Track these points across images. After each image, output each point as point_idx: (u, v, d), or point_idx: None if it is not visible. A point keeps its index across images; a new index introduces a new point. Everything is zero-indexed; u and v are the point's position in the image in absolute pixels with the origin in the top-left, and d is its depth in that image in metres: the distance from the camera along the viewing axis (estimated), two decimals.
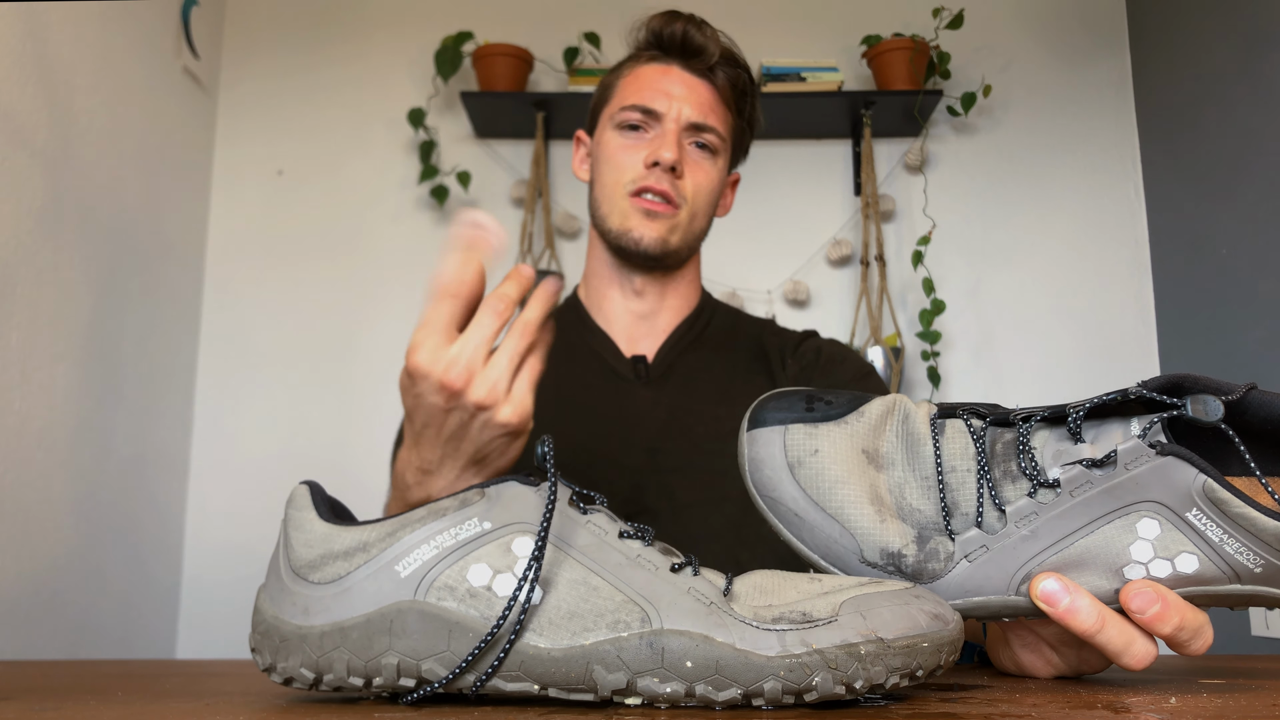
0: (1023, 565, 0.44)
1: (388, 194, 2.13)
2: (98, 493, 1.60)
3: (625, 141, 0.96)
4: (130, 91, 1.72)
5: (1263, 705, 0.39)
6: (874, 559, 0.45)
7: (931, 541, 0.45)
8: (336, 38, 2.18)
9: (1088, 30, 2.18)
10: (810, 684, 0.37)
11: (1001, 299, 2.08)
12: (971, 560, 0.45)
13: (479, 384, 0.60)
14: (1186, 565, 0.43)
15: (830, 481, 0.47)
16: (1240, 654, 1.18)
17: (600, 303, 1.01)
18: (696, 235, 0.98)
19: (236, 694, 0.46)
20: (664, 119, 0.95)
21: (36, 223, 1.42)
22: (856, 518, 0.46)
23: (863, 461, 0.47)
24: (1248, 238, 1.75)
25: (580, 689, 0.39)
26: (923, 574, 0.45)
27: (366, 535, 0.41)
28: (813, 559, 0.47)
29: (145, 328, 1.78)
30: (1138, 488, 0.43)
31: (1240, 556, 0.43)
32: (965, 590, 0.45)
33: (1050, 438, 0.46)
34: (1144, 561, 0.44)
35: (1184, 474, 0.42)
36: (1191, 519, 0.43)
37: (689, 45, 0.96)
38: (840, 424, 0.49)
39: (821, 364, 0.99)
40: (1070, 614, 0.43)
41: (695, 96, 0.96)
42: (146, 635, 1.79)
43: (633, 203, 0.94)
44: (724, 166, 1.00)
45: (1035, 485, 0.44)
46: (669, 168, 0.93)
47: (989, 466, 0.46)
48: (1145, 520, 0.43)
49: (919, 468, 0.47)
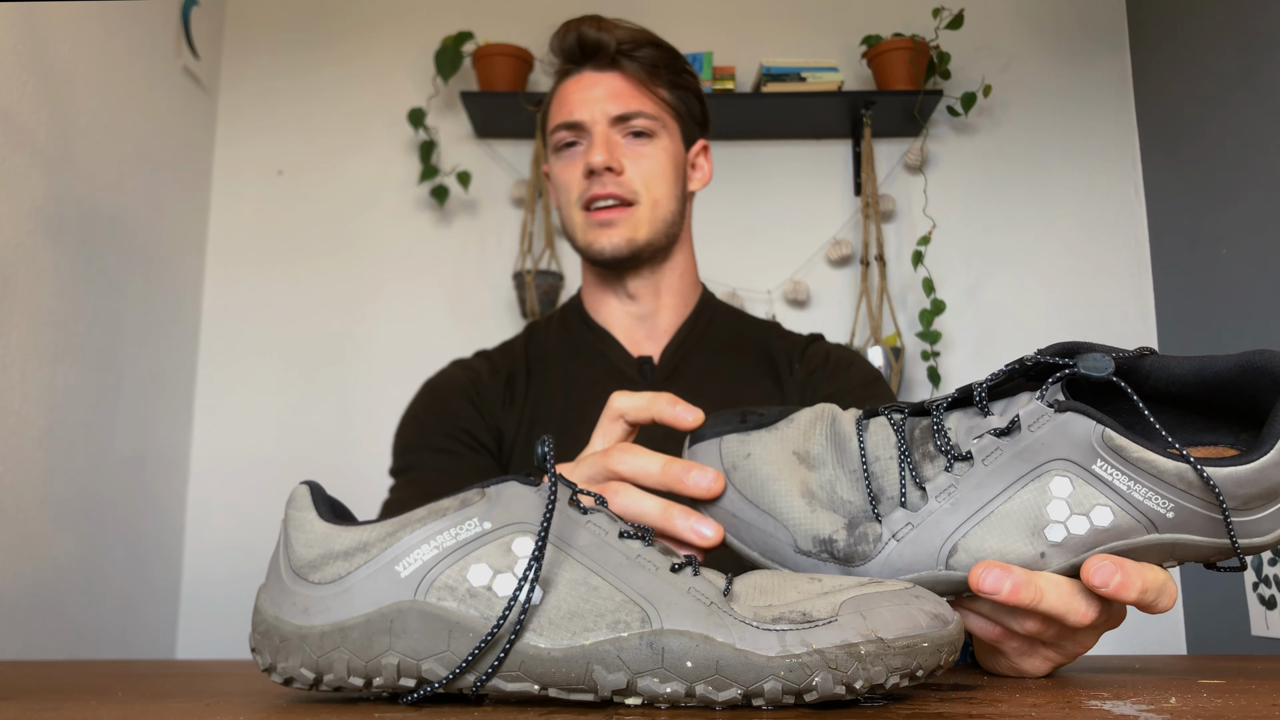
0: (948, 537, 0.46)
1: (388, 194, 2.13)
2: (98, 493, 1.60)
3: (564, 162, 0.98)
4: (130, 91, 1.72)
5: (1263, 705, 0.39)
6: (807, 547, 0.47)
7: (861, 526, 0.47)
8: (336, 37, 2.18)
9: (1088, 30, 2.18)
10: (810, 684, 0.37)
11: (1001, 299, 2.08)
12: (899, 539, 0.46)
13: None
14: (1102, 518, 0.45)
15: (762, 480, 0.49)
16: (1240, 654, 1.18)
17: (598, 308, 1.02)
18: (666, 222, 0.98)
19: (236, 694, 0.46)
20: (589, 126, 0.96)
21: (36, 223, 1.42)
22: (788, 510, 0.48)
23: (794, 462, 0.50)
24: (1248, 238, 1.75)
25: (580, 689, 0.39)
26: (854, 557, 0.47)
27: (366, 535, 0.41)
28: (752, 557, 0.49)
29: (145, 328, 1.78)
30: (1044, 448, 0.45)
31: (1150, 502, 0.44)
32: (896, 569, 0.46)
33: (963, 418, 0.48)
34: (1061, 520, 0.45)
35: (1083, 426, 0.44)
36: (1098, 470, 0.44)
37: (586, 46, 0.97)
38: (771, 430, 0.52)
39: (830, 368, 0.98)
40: (1013, 595, 0.44)
41: (609, 92, 0.96)
42: (146, 635, 1.79)
43: (586, 217, 0.95)
44: (671, 145, 0.99)
45: (950, 460, 0.47)
46: (605, 168, 0.93)
47: (909, 451, 0.48)
48: (1057, 479, 0.45)
49: (846, 463, 0.50)
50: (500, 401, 0.96)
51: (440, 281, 2.09)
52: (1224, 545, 0.45)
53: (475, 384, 0.97)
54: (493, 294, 2.09)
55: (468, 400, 0.96)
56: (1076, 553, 0.45)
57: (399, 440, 0.97)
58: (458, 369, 1.00)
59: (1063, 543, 0.45)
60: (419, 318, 2.08)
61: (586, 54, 0.97)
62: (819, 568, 0.47)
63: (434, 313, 2.08)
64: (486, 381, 0.97)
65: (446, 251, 2.11)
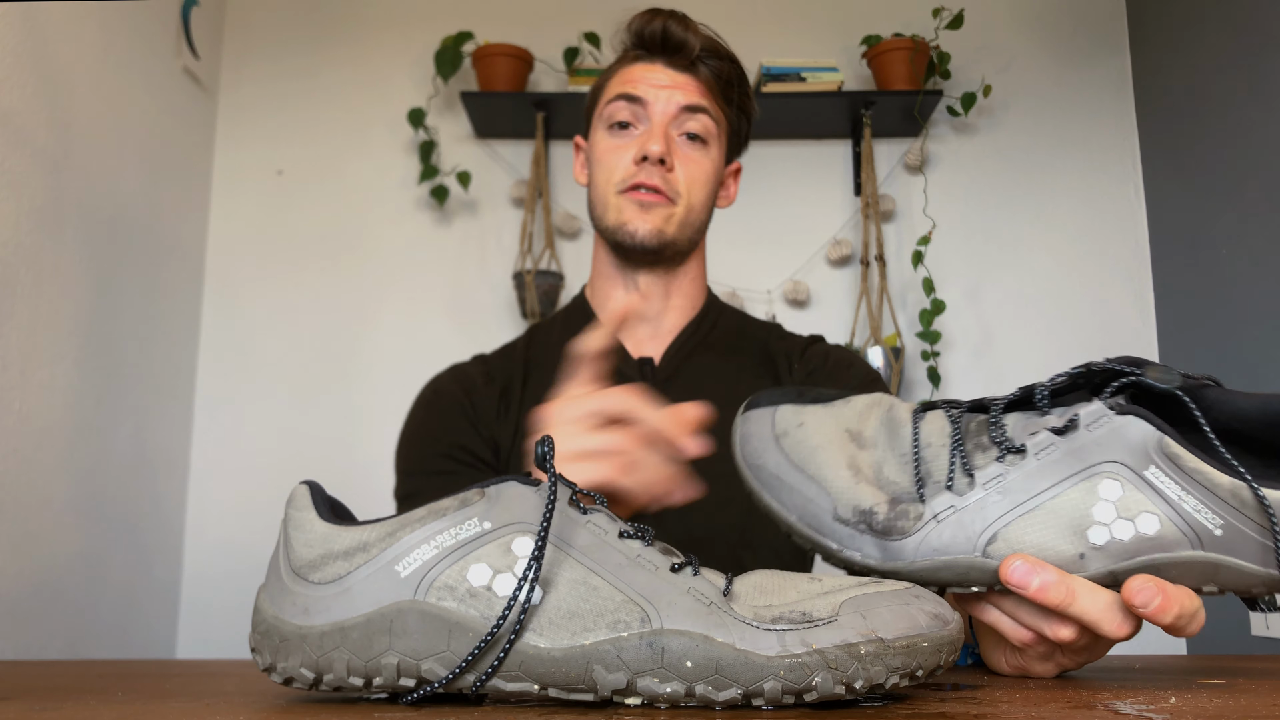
0: (989, 525, 0.46)
1: (388, 194, 2.12)
2: (98, 493, 1.60)
3: (615, 142, 0.97)
4: (130, 91, 1.72)
5: (1263, 705, 0.39)
6: (846, 515, 0.48)
7: (903, 504, 0.47)
8: (337, 38, 2.18)
9: (1088, 30, 2.18)
10: (810, 684, 0.37)
11: (1001, 299, 2.08)
12: (940, 520, 0.46)
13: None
14: (1148, 526, 0.44)
15: (810, 448, 0.50)
16: (1240, 654, 1.18)
17: (605, 304, 1.01)
18: (694, 228, 0.98)
19: (236, 694, 0.46)
20: (651, 110, 0.95)
21: (36, 223, 1.42)
22: (833, 478, 0.49)
23: (845, 438, 0.50)
24: (1248, 238, 1.75)
25: (580, 689, 0.39)
26: (892, 530, 0.47)
27: (366, 535, 0.41)
28: (789, 520, 0.49)
29: (145, 328, 1.78)
30: (1098, 448, 0.45)
31: (1199, 515, 0.44)
32: (933, 548, 0.46)
33: (1021, 417, 0.48)
34: (1106, 523, 0.45)
35: (1141, 431, 0.44)
36: (1149, 477, 0.44)
37: (670, 41, 0.96)
38: (827, 406, 0.52)
39: (829, 369, 0.98)
40: (1041, 592, 0.44)
41: (680, 87, 0.96)
42: (146, 635, 1.79)
43: (625, 197, 0.95)
44: (718, 157, 0.99)
45: (1003, 451, 0.47)
46: (658, 160, 0.93)
47: (963, 441, 0.48)
48: (1107, 481, 0.45)
49: (897, 446, 0.50)
50: (495, 413, 0.96)
51: (440, 282, 2.09)
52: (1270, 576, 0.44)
53: (470, 394, 0.97)
54: (493, 294, 2.09)
55: (462, 414, 0.96)
56: (1117, 559, 0.45)
57: (399, 462, 0.97)
58: (452, 381, 0.99)
59: (1104, 546, 0.45)
60: (419, 317, 2.08)
61: (667, 49, 0.97)
62: (855, 538, 0.47)
63: (434, 313, 2.08)
64: (482, 391, 0.97)
65: (446, 252, 2.11)
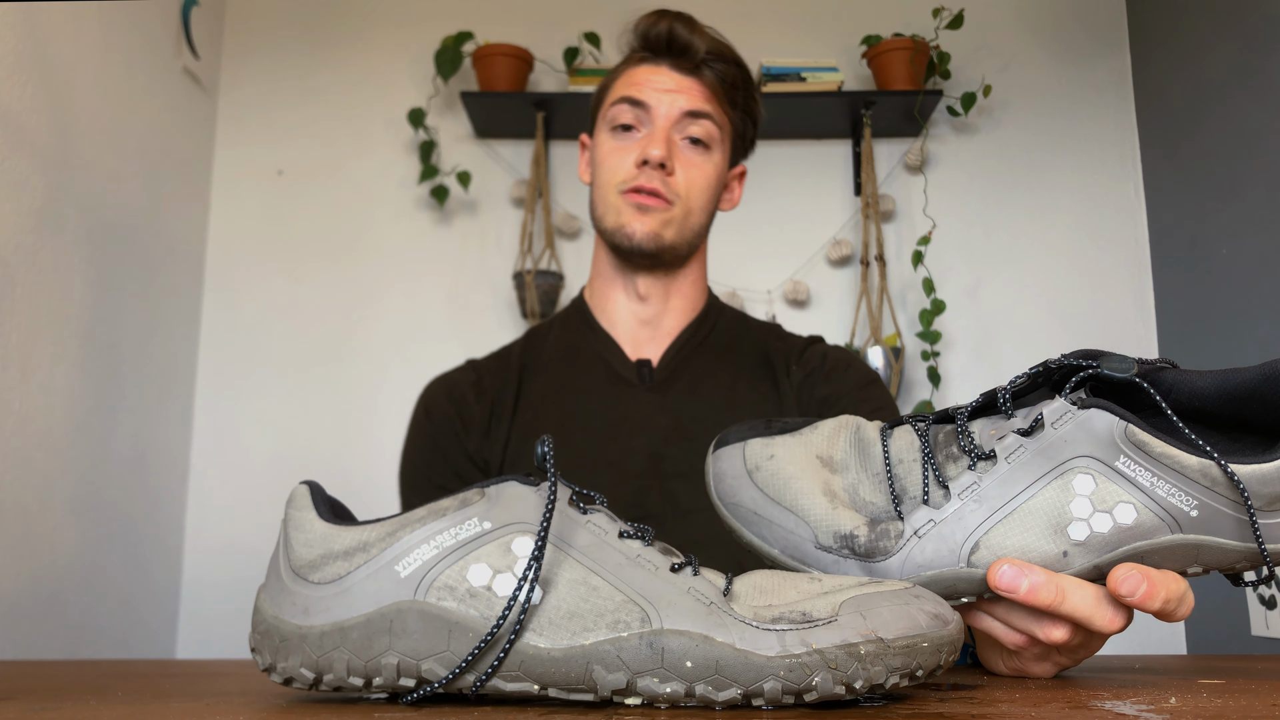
0: (970, 534, 0.46)
1: (388, 194, 2.12)
2: (98, 493, 1.60)
3: (617, 144, 0.97)
4: (130, 91, 1.72)
5: (1263, 705, 0.39)
6: (828, 543, 0.47)
7: (883, 524, 0.47)
8: (337, 38, 2.18)
9: (1088, 30, 2.18)
10: (810, 684, 0.37)
11: (1001, 299, 2.08)
12: (921, 535, 0.46)
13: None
14: (1125, 516, 0.45)
15: (784, 479, 0.50)
16: (1240, 654, 1.18)
17: (604, 305, 1.01)
18: (694, 231, 0.97)
19: (236, 694, 0.46)
20: (654, 114, 0.95)
21: (36, 223, 1.42)
22: (810, 507, 0.48)
23: (817, 464, 0.50)
24: (1248, 238, 1.75)
25: (580, 689, 0.39)
26: (875, 552, 0.47)
27: (366, 535, 0.41)
28: (772, 554, 0.49)
29: (145, 328, 1.78)
30: (1066, 444, 0.45)
31: (1173, 499, 0.44)
32: (917, 565, 0.46)
33: (987, 422, 0.49)
34: (1084, 518, 0.45)
35: (1106, 422, 0.45)
36: (1121, 467, 0.45)
37: (675, 43, 0.96)
38: (795, 435, 0.52)
39: (827, 370, 0.98)
40: (1032, 594, 0.44)
41: (684, 91, 0.96)
42: (146, 635, 1.79)
43: (625, 199, 0.95)
44: (721, 161, 0.99)
45: (974, 459, 0.47)
46: (658, 164, 0.93)
47: (932, 453, 0.48)
48: (1080, 476, 0.45)
49: (869, 466, 0.50)
50: (484, 430, 0.96)
51: (440, 281, 2.09)
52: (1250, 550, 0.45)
53: (462, 413, 0.97)
54: (493, 294, 2.09)
55: (454, 436, 0.96)
56: (1100, 552, 0.45)
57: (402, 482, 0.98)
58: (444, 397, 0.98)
59: (1085, 541, 0.45)
60: (419, 317, 2.08)
61: (672, 51, 0.97)
62: (839, 564, 0.47)
63: (434, 313, 2.08)
64: (472, 407, 0.97)
65: (446, 251, 2.11)
